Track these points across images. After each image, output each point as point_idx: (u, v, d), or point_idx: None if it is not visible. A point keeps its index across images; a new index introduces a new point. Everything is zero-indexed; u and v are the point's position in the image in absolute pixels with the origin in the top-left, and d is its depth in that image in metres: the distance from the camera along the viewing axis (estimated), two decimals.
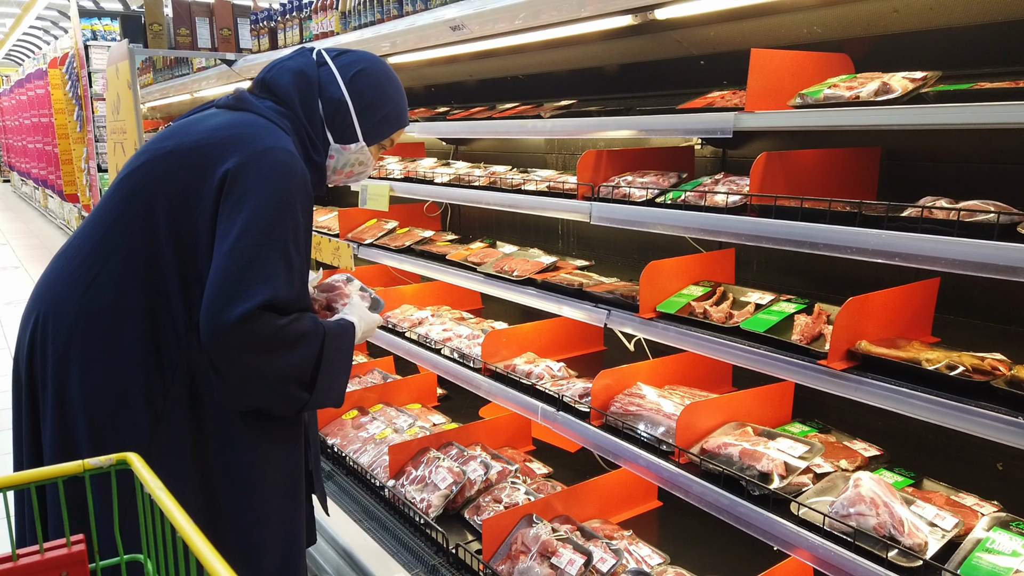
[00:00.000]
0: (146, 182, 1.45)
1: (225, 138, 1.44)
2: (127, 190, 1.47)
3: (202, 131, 1.47)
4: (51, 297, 1.47)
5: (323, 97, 1.60)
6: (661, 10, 2.16)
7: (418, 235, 3.45)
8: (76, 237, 1.52)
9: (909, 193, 1.93)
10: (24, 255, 9.94)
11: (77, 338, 1.43)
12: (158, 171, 1.45)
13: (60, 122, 10.56)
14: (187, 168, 1.43)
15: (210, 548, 0.83)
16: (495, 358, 2.65)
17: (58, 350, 1.43)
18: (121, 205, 1.47)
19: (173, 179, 1.43)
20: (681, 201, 2.10)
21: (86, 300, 1.43)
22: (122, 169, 1.55)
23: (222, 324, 1.36)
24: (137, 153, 1.54)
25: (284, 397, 1.49)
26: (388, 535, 2.46)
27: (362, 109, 1.62)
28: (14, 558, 0.99)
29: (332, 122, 1.61)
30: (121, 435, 1.44)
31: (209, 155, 1.43)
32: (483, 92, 3.63)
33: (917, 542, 1.49)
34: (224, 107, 1.56)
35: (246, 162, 1.41)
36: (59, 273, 1.49)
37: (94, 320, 1.43)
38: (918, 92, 1.66)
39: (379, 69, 1.67)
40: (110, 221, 1.47)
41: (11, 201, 17.33)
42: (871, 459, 1.93)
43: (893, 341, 1.72)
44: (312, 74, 1.60)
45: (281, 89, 1.58)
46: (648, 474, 1.97)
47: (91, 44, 7.89)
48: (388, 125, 1.68)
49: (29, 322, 1.50)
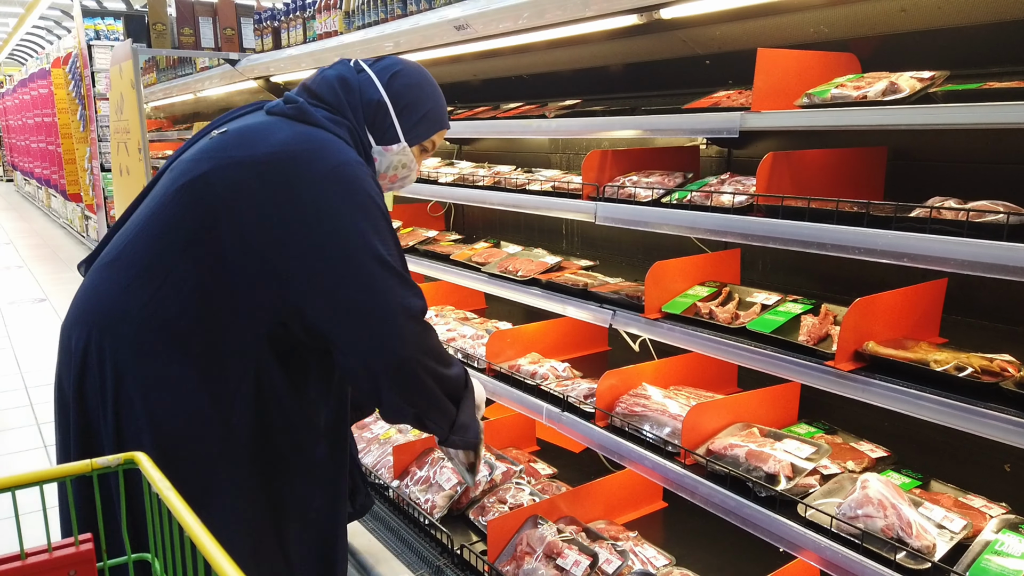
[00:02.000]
0: (212, 191, 1.42)
1: (297, 153, 1.44)
2: (189, 198, 1.42)
3: (273, 144, 1.45)
4: (105, 310, 1.41)
5: (364, 101, 1.62)
6: (666, 9, 2.16)
7: (422, 235, 3.45)
8: (126, 244, 1.45)
9: (916, 194, 1.92)
10: (27, 255, 9.95)
11: (139, 352, 1.38)
12: (226, 181, 1.42)
13: (63, 122, 10.57)
14: (260, 180, 1.41)
15: (217, 547, 0.83)
16: (499, 358, 2.65)
17: (118, 364, 1.38)
18: (183, 211, 1.42)
19: (244, 190, 1.41)
20: (687, 201, 2.10)
21: (148, 312, 1.38)
22: (171, 172, 1.50)
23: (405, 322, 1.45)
24: (189, 158, 1.49)
25: (443, 411, 1.61)
26: (393, 536, 2.45)
27: (401, 109, 1.65)
28: (22, 557, 0.99)
29: (373, 124, 1.64)
30: (190, 449, 1.41)
31: (285, 170, 1.42)
32: (487, 92, 3.62)
33: (925, 544, 1.48)
34: (281, 115, 1.54)
35: (329, 174, 1.43)
36: (111, 284, 1.43)
37: (158, 333, 1.39)
38: (926, 92, 1.66)
39: (415, 70, 1.70)
40: (170, 228, 1.42)
41: (14, 200, 17.36)
42: (878, 460, 1.93)
43: (901, 342, 1.71)
44: (353, 80, 1.63)
45: (329, 96, 1.60)
46: (653, 475, 1.97)
47: (94, 44, 7.90)
48: (428, 124, 1.70)
49: (79, 336, 1.42)
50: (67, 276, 8.49)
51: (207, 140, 1.52)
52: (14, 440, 4.07)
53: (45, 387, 4.88)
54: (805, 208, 1.74)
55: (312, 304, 1.43)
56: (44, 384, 4.93)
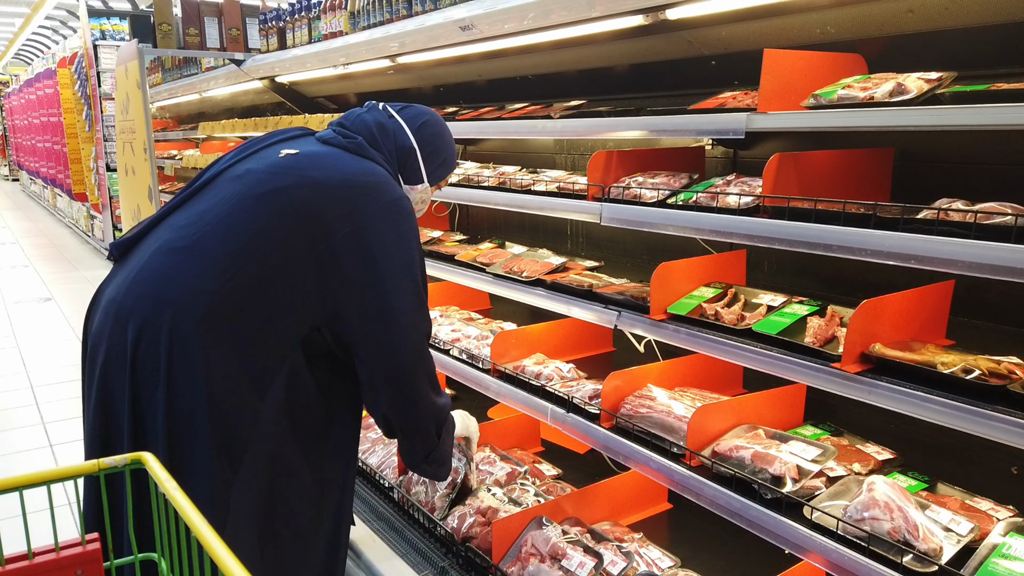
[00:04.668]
0: (292, 205, 1.58)
1: (367, 184, 1.66)
2: (270, 207, 1.58)
3: (344, 172, 1.65)
4: (176, 290, 1.51)
5: (397, 145, 1.85)
6: (672, 10, 2.15)
7: (427, 235, 3.45)
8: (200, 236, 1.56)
9: (923, 195, 1.92)
10: (33, 254, 9.98)
11: (205, 330, 1.50)
12: (304, 197, 1.59)
13: (69, 121, 10.60)
14: (334, 200, 1.61)
15: (224, 547, 0.83)
16: (504, 359, 2.65)
17: (182, 338, 1.49)
18: (262, 218, 1.57)
19: (316, 208, 1.59)
20: (693, 202, 2.09)
21: (215, 300, 1.50)
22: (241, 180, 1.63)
23: (417, 338, 1.66)
24: (264, 170, 1.64)
25: (426, 436, 1.80)
26: (397, 536, 2.45)
27: (427, 155, 1.89)
28: (30, 556, 0.99)
29: (403, 167, 1.87)
30: (240, 423, 1.54)
31: (354, 194, 1.63)
32: (492, 92, 3.62)
33: (932, 547, 1.47)
34: (341, 148, 1.73)
35: (389, 206, 1.66)
36: (182, 270, 1.53)
37: (219, 319, 1.51)
38: (934, 93, 1.65)
39: (438, 121, 1.94)
40: (247, 231, 1.56)
41: (20, 200, 17.42)
42: (884, 463, 1.92)
43: (907, 344, 1.71)
44: (388, 125, 1.85)
45: (373, 140, 1.79)
46: (659, 476, 1.97)
47: (100, 44, 7.92)
48: (446, 168, 1.97)
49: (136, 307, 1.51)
50: (73, 275, 8.51)
51: (275, 157, 1.67)
52: (20, 439, 4.08)
53: (50, 386, 4.89)
54: (812, 209, 1.74)
55: (348, 312, 1.61)
56: (49, 383, 4.95)
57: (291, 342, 1.59)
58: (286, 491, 1.66)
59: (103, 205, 8.62)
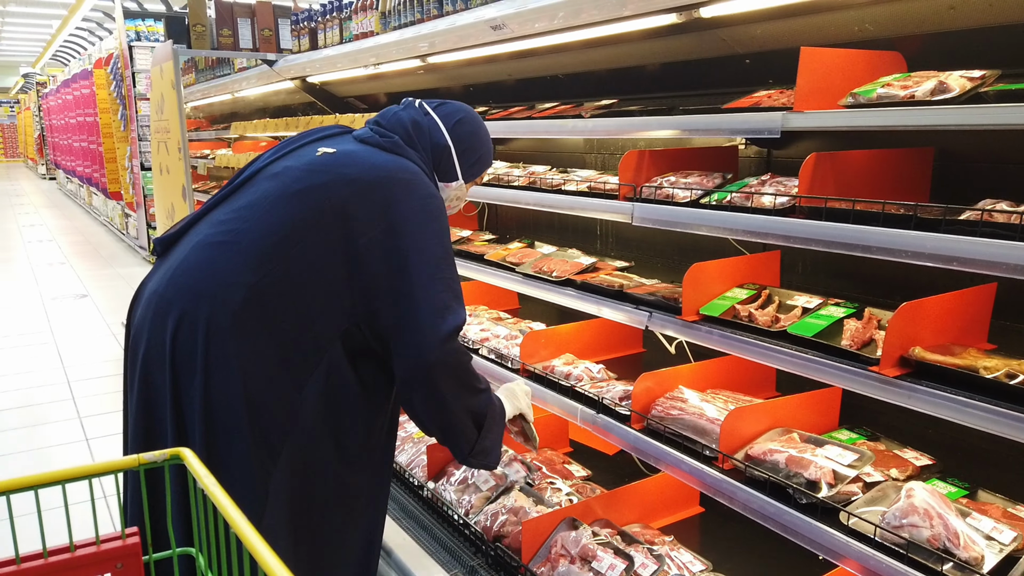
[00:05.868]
0: (328, 202, 1.61)
1: (401, 180, 1.66)
2: (306, 203, 1.61)
3: (378, 168, 1.67)
4: (216, 282, 1.55)
5: (432, 143, 1.85)
6: (706, 8, 2.13)
7: (456, 235, 3.46)
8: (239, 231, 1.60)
9: (963, 195, 1.88)
10: (69, 251, 10.19)
11: (237, 321, 1.52)
12: (342, 195, 1.61)
13: (105, 121, 10.81)
14: (368, 197, 1.63)
15: (263, 543, 0.84)
16: (534, 359, 2.64)
17: (217, 329, 1.52)
18: (299, 214, 1.60)
19: (354, 204, 1.61)
20: (727, 202, 2.07)
21: (253, 293, 1.53)
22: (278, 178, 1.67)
23: (442, 335, 1.60)
24: (301, 167, 1.67)
25: (464, 432, 1.75)
26: (426, 534, 2.46)
27: (462, 152, 1.88)
28: (72, 549, 1.01)
29: (438, 164, 1.87)
30: (277, 414, 1.56)
31: (388, 190, 1.64)
32: (522, 92, 3.62)
33: (973, 555, 1.44)
34: (377, 146, 1.74)
35: (421, 203, 1.66)
36: (223, 263, 1.57)
37: (257, 310, 1.54)
38: (976, 91, 1.62)
39: (474, 118, 1.94)
40: (285, 226, 1.58)
41: (57, 198, 17.80)
42: (923, 468, 1.88)
43: (948, 348, 1.67)
44: (423, 123, 1.85)
45: (405, 136, 1.79)
46: (690, 479, 1.95)
47: (135, 45, 8.06)
48: (481, 165, 1.97)
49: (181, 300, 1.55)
50: (108, 272, 8.68)
51: (313, 156, 1.69)
52: (57, 433, 4.16)
53: (86, 381, 4.99)
54: (850, 210, 1.71)
55: (381, 307, 1.61)
56: (85, 379, 5.04)
57: (329, 336, 1.60)
58: (323, 487, 1.67)
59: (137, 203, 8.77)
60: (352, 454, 1.72)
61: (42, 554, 0.99)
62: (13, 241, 11.01)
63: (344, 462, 1.70)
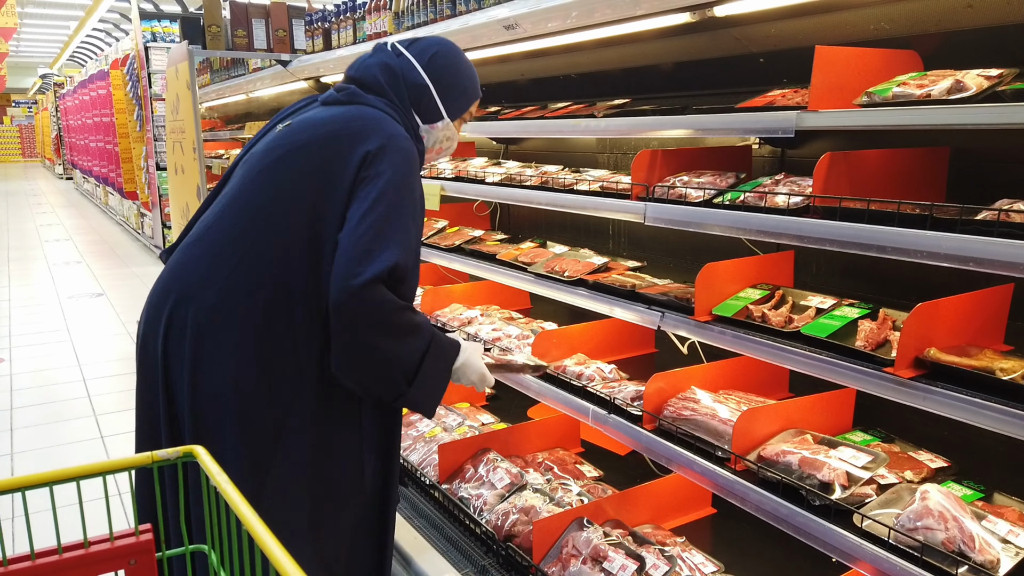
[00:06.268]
0: (290, 175, 1.58)
1: (360, 127, 1.59)
2: (264, 183, 1.58)
3: (332, 123, 1.61)
4: (191, 281, 1.58)
5: (407, 84, 1.74)
6: (720, 7, 2.12)
7: (468, 234, 3.46)
8: (209, 227, 1.61)
9: (979, 195, 1.86)
10: (85, 250, 10.29)
11: (215, 317, 1.54)
12: (299, 161, 1.58)
13: (121, 121, 10.90)
14: (327, 155, 1.57)
15: (274, 540, 0.84)
16: (545, 359, 2.64)
17: (198, 327, 1.54)
18: (259, 197, 1.59)
19: (316, 167, 1.57)
20: (740, 202, 2.06)
21: (229, 284, 1.54)
22: (244, 164, 1.67)
23: (354, 285, 1.48)
24: (260, 150, 1.65)
25: (387, 381, 1.60)
26: (438, 533, 2.46)
27: (443, 89, 1.77)
28: (85, 545, 1.02)
29: (418, 105, 1.76)
30: (270, 406, 1.56)
31: (346, 140, 1.57)
32: (535, 91, 3.61)
33: (989, 559, 1.43)
34: (336, 103, 1.68)
35: (383, 144, 1.57)
36: (196, 261, 1.60)
37: (233, 302, 1.54)
38: (994, 90, 1.60)
39: (450, 50, 1.81)
40: (247, 212, 1.58)
41: (74, 198, 17.96)
42: (937, 471, 1.87)
43: (964, 349, 1.65)
44: (395, 65, 1.75)
45: (375, 84, 1.72)
46: (703, 480, 1.94)
47: (151, 45, 8.12)
48: (467, 99, 1.84)
49: (167, 304, 1.59)
50: (123, 272, 8.75)
51: (273, 133, 1.67)
52: (72, 430, 4.20)
53: (102, 379, 5.03)
54: (865, 210, 1.69)
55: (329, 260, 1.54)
56: (101, 376, 5.09)
57: (304, 319, 1.57)
58: (328, 475, 1.66)
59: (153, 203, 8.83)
60: (347, 441, 1.68)
61: (57, 550, 1.00)
62: (31, 240, 11.13)
63: (339, 451, 1.67)
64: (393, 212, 1.54)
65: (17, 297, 7.43)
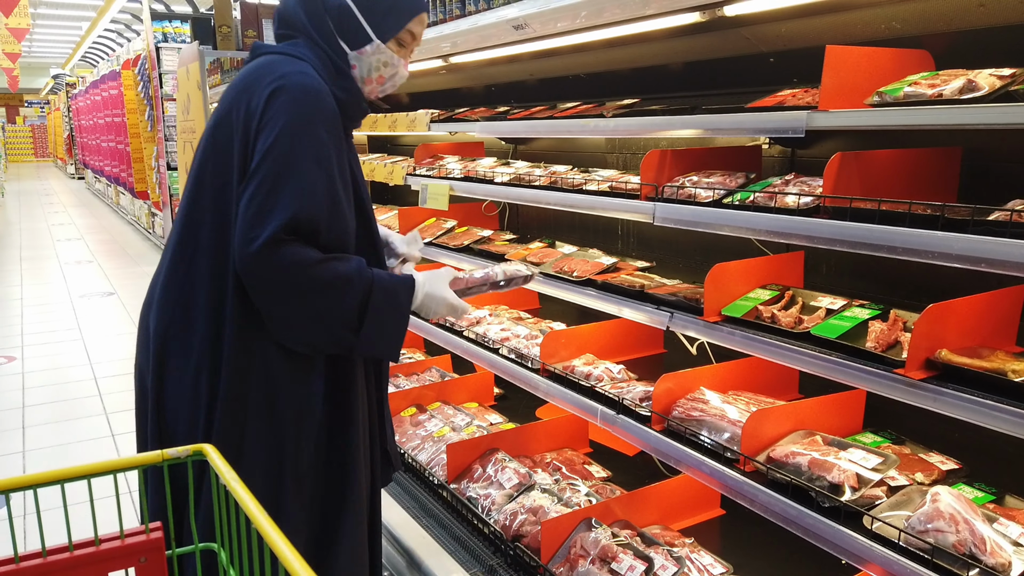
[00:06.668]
0: (199, 162, 1.58)
1: (242, 89, 1.54)
2: (196, 174, 1.59)
3: (227, 95, 1.57)
4: (155, 291, 1.64)
5: (327, 8, 1.60)
6: (730, 7, 2.11)
7: (476, 234, 3.46)
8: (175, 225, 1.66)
9: (991, 196, 1.84)
10: (97, 249, 10.35)
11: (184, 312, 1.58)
12: (206, 148, 1.57)
13: (132, 122, 10.96)
14: (224, 133, 1.53)
15: (284, 539, 0.84)
16: (554, 359, 2.64)
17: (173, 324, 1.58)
18: (193, 190, 1.60)
19: (217, 148, 1.54)
20: (750, 202, 2.05)
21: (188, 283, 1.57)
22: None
23: (251, 251, 1.42)
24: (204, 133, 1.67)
25: (329, 336, 1.52)
26: (446, 533, 2.47)
27: (366, 8, 1.60)
28: (96, 543, 1.02)
29: (342, 30, 1.61)
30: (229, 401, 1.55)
31: (232, 109, 1.53)
32: (544, 91, 3.61)
33: (1000, 561, 1.42)
34: (248, 63, 1.63)
35: (274, 89, 1.48)
36: (161, 267, 1.65)
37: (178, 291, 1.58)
38: (1006, 90, 1.58)
39: None
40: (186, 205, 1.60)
41: (85, 198, 18.08)
42: (948, 473, 1.86)
43: (975, 350, 1.64)
44: None
45: (292, 16, 1.62)
46: (711, 481, 1.93)
47: (162, 46, 8.16)
48: (396, 15, 1.63)
49: (149, 305, 1.66)
50: (134, 271, 8.80)
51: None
52: (84, 428, 4.23)
53: (113, 378, 5.07)
54: (876, 210, 1.68)
55: None
56: (113, 375, 5.12)
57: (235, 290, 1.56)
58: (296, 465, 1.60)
59: (164, 203, 8.87)
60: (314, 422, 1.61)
61: (68, 547, 1.01)
62: (43, 240, 11.21)
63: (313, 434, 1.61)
64: (287, 161, 1.43)
65: (29, 296, 7.49)
